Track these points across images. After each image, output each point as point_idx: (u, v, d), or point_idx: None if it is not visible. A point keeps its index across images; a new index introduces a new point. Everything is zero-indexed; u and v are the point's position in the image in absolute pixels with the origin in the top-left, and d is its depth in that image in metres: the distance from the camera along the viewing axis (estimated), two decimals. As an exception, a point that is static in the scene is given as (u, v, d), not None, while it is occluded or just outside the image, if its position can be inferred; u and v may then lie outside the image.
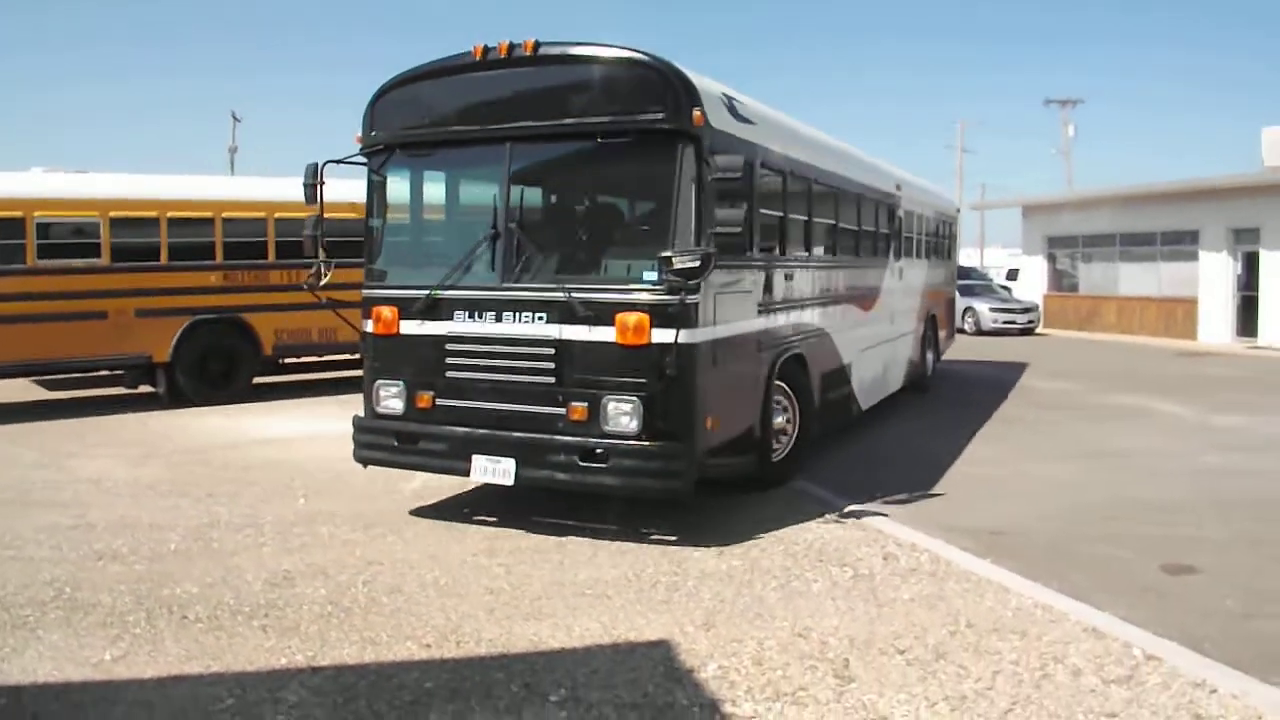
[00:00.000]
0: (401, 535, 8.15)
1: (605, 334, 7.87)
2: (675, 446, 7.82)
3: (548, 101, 8.37)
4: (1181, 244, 30.66)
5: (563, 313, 8.03)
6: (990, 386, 18.59)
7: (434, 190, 9.49)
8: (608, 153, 8.35)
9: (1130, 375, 20.85)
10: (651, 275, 7.90)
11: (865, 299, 13.10)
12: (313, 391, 17.29)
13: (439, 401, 8.52)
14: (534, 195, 9.14)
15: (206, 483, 10.16)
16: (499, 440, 8.19)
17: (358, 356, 18.76)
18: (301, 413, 15.14)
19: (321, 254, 9.44)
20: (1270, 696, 5.06)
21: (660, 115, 7.90)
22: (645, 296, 7.86)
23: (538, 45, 8.28)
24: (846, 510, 8.91)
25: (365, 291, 9.11)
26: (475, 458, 8.25)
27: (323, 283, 9.49)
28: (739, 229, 7.97)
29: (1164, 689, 5.15)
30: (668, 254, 7.63)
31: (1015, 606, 6.42)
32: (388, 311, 8.78)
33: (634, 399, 7.83)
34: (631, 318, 7.80)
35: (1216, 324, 29.71)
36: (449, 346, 8.46)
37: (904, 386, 15.85)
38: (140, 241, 15.67)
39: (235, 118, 51.15)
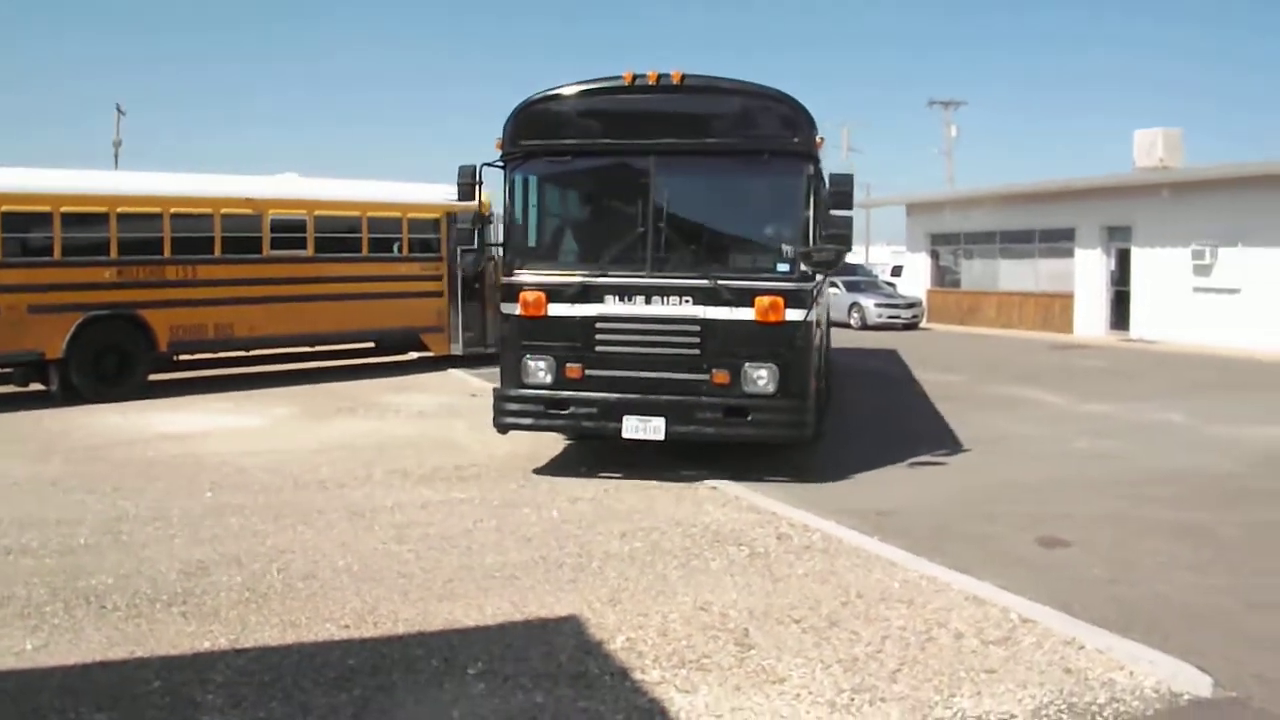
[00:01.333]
0: (311, 525, 8.31)
1: (745, 314, 9.73)
2: (800, 403, 9.90)
3: (691, 122, 10.17)
4: (1058, 241, 31.87)
5: (706, 296, 9.80)
6: (877, 379, 19.28)
7: (575, 192, 11.18)
8: (742, 167, 10.28)
9: (1010, 367, 21.73)
10: (784, 266, 9.97)
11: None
12: (208, 388, 17.15)
13: (589, 372, 10.03)
14: (675, 200, 10.33)
15: (110, 478, 10.15)
16: (649, 403, 9.84)
17: (252, 353, 18.85)
18: (199, 409, 15.08)
19: (485, 247, 10.94)
20: (1131, 650, 5.59)
21: (794, 140, 9.91)
22: (781, 283, 9.82)
23: (684, 76, 10.07)
24: (737, 494, 9.35)
25: (508, 279, 10.40)
26: (626, 418, 9.85)
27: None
28: (847, 231, 9.72)
29: (1038, 648, 5.63)
30: (806, 250, 9.81)
31: (902, 579, 6.86)
32: (534, 296, 10.12)
33: (771, 365, 9.75)
34: (768, 300, 9.71)
35: (1091, 318, 30.98)
36: (599, 325, 9.99)
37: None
38: (33, 237, 15.46)
39: (120, 110, 49.58)
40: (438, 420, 13.93)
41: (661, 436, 9.82)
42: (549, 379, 10.12)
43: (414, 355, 21.53)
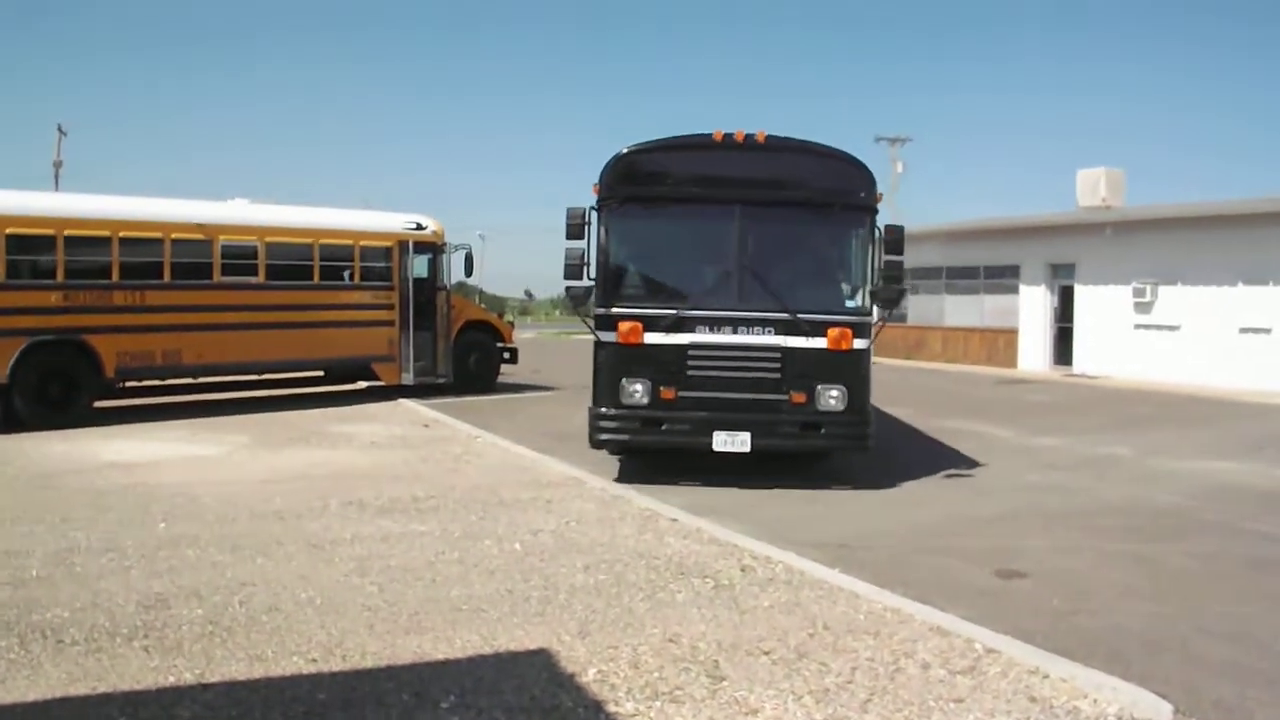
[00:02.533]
0: (270, 557, 8.20)
1: (819, 343, 11.31)
2: (863, 418, 11.52)
3: (771, 177, 11.66)
4: (1003, 278, 32.38)
5: (786, 327, 11.29)
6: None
7: (666, 234, 12.12)
8: (815, 217, 11.84)
9: (957, 401, 22.00)
10: (852, 303, 11.71)
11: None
12: (157, 416, 16.92)
13: (681, 394, 11.27)
14: (757, 244, 11.67)
15: (58, 508, 9.95)
16: (736, 420, 11.24)
17: (200, 380, 18.62)
18: (148, 437, 14.84)
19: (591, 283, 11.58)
20: (1094, 678, 5.69)
21: (861, 195, 11.63)
22: (849, 317, 11.51)
23: (767, 137, 11.53)
24: (699, 526, 9.36)
25: (603, 310, 11.49)
26: (716, 433, 11.24)
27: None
28: (901, 273, 11.73)
29: (1003, 676, 5.71)
30: (875, 289, 11.61)
31: (866, 610, 6.92)
32: (631, 326, 11.33)
33: (841, 387, 11.34)
34: (839, 331, 11.34)
35: (1035, 353, 31.48)
36: (691, 352, 11.28)
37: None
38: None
39: (61, 131, 48.63)
40: (392, 451, 13.83)
41: (748, 449, 11.26)
42: (645, 399, 11.31)
43: (363, 385, 21.43)
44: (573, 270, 11.41)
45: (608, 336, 11.45)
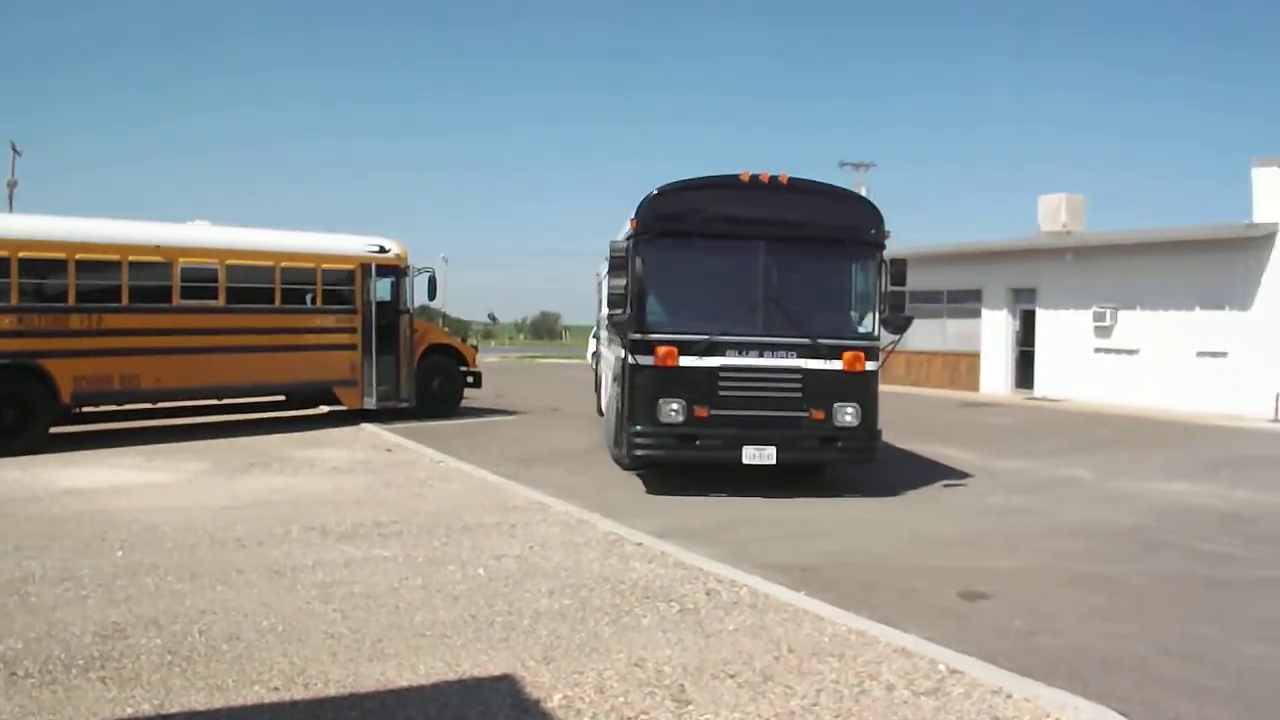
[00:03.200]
0: (231, 585, 8.08)
1: (835, 365, 12.45)
2: (873, 435, 12.74)
3: (793, 215, 12.65)
4: (966, 302, 32.67)
5: (806, 351, 12.39)
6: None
7: (697, 265, 12.87)
8: (831, 252, 13.04)
9: (921, 424, 22.10)
10: (863, 329, 12.94)
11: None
12: (114, 442, 16.71)
13: (713, 412, 12.27)
14: (779, 275, 12.77)
15: (11, 536, 9.76)
16: (763, 435, 12.32)
17: (159, 405, 18.39)
18: (105, 463, 14.64)
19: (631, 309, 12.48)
20: (1056, 697, 5.72)
21: (872, 233, 12.90)
22: (862, 342, 12.73)
23: (790, 179, 12.67)
24: (663, 550, 9.33)
25: (639, 335, 12.36)
26: (745, 448, 12.29)
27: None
28: (903, 302, 13.07)
29: (967, 697, 5.72)
30: (887, 317, 12.89)
31: (831, 633, 6.92)
32: (667, 350, 12.25)
33: (855, 404, 12.47)
34: (853, 354, 12.49)
35: (997, 376, 31.76)
36: (722, 374, 12.28)
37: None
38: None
39: (15, 150, 47.78)
40: (354, 476, 13.72)
41: (774, 462, 12.33)
42: (681, 418, 12.24)
43: (325, 409, 21.28)
44: (616, 299, 12.31)
45: (645, 360, 12.32)
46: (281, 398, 21.19)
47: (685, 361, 12.24)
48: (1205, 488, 14.27)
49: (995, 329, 32.06)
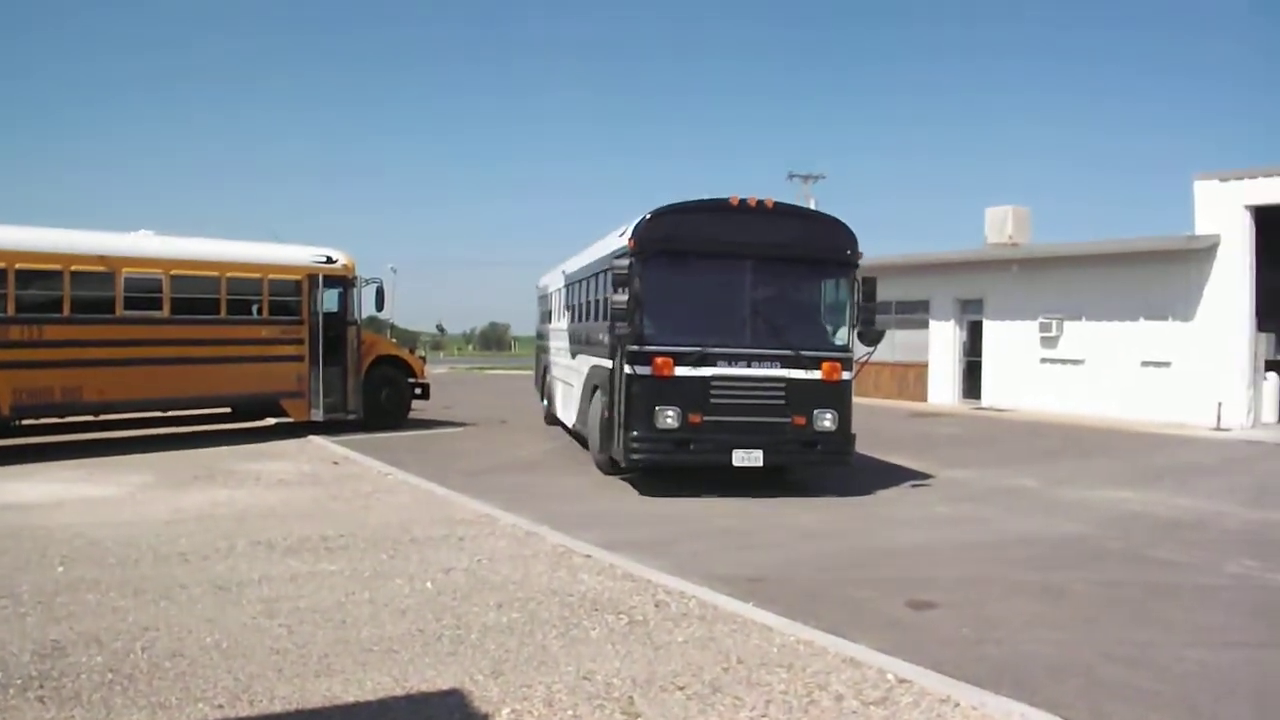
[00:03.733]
0: (174, 600, 7.96)
1: (815, 374, 13.45)
2: (848, 438, 13.84)
3: (777, 237, 13.57)
4: (914, 313, 32.94)
5: (789, 361, 13.34)
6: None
7: (691, 282, 13.60)
8: (812, 271, 14.05)
9: (870, 434, 22.02)
10: (839, 341, 13.90)
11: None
12: (55, 455, 16.42)
13: (706, 418, 13.12)
14: (765, 291, 13.76)
15: (-52, 553, 9.58)
16: (750, 440, 13.21)
17: (102, 418, 18.12)
18: (46, 477, 14.37)
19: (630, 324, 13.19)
20: (1003, 705, 5.79)
21: (848, 253, 13.84)
22: (838, 353, 13.72)
23: (775, 203, 13.83)
24: (612, 562, 9.32)
25: (635, 346, 13.11)
26: (735, 451, 13.15)
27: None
28: (874, 316, 14.17)
29: (915, 706, 5.75)
30: (863, 330, 13.97)
31: (780, 644, 6.93)
32: (664, 360, 13.07)
33: (833, 411, 13.53)
34: (830, 365, 13.52)
35: (944, 387, 32.06)
36: (714, 382, 13.16)
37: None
38: None
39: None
40: (301, 489, 13.57)
41: (760, 464, 13.26)
42: (676, 424, 13.04)
43: (272, 421, 21.05)
44: (620, 313, 13.03)
45: (643, 370, 13.10)
46: (227, 410, 20.95)
47: (680, 371, 13.09)
48: (1149, 495, 14.48)
49: (943, 340, 32.37)
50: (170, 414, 19.71)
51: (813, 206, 58.55)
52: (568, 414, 19.32)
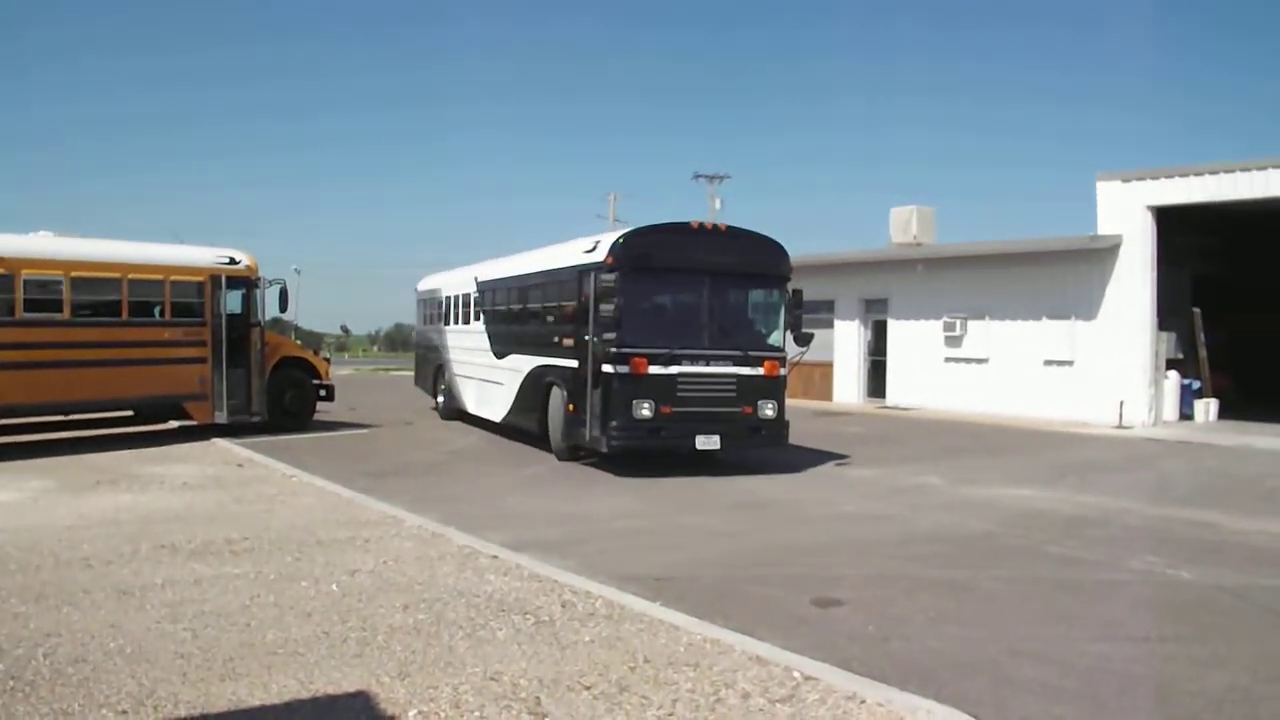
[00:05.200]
0: (77, 606, 7.77)
1: (758, 371, 15.89)
2: (784, 424, 16.33)
3: (728, 256, 15.94)
4: (818, 312, 33.20)
5: (739, 360, 15.74)
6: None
7: (658, 293, 16.38)
8: (754, 284, 16.71)
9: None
10: (775, 342, 16.40)
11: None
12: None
13: (674, 409, 15.28)
14: (718, 303, 16.11)
15: None
16: (710, 427, 15.47)
17: (1, 421, 17.63)
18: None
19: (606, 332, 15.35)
20: (909, 701, 5.89)
21: (782, 269, 16.51)
22: (775, 353, 16.22)
23: (727, 227, 16.49)
24: (519, 563, 9.32)
25: (615, 348, 15.08)
26: (697, 436, 15.39)
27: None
28: (800, 322, 16.50)
29: (821, 704, 5.82)
30: (798, 333, 16.37)
31: (687, 642, 6.98)
32: (640, 360, 15.09)
33: (773, 401, 16.02)
34: (770, 363, 16.00)
35: (849, 386, 32.51)
36: (680, 380, 15.35)
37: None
38: None
39: None
40: (204, 492, 13.33)
41: (718, 447, 15.55)
42: (650, 414, 15.13)
43: (175, 424, 20.66)
44: (608, 322, 14.99)
45: (621, 369, 15.07)
46: (130, 413, 20.50)
47: (653, 370, 15.15)
48: (1052, 493, 14.85)
49: (848, 339, 32.81)
50: (72, 417, 19.22)
51: (718, 207, 59.66)
52: (486, 409, 21.19)
